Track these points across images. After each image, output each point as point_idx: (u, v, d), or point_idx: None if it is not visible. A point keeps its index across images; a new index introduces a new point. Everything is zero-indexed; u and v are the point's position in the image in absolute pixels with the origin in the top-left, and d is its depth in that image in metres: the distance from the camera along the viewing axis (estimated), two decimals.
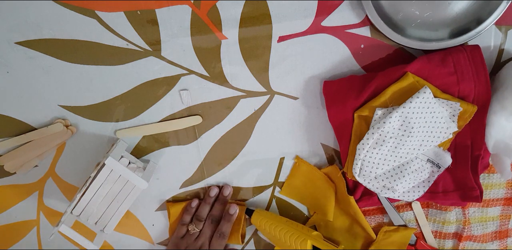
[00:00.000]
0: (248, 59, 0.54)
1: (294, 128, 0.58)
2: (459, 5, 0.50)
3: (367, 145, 0.51)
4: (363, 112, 0.51)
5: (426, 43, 0.50)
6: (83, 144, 0.58)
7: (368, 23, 0.52)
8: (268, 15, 0.51)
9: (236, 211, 0.61)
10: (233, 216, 0.60)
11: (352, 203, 0.57)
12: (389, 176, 0.53)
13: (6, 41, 0.51)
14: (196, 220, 0.60)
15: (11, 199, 0.61)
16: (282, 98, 0.56)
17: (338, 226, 0.61)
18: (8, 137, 0.56)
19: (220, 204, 0.61)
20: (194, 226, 0.60)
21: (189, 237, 0.60)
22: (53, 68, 0.53)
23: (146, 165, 0.57)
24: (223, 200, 0.61)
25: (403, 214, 0.61)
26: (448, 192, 0.55)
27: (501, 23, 0.52)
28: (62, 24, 0.51)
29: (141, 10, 0.50)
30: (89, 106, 0.55)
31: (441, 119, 0.50)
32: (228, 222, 0.60)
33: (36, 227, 0.63)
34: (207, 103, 0.56)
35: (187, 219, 0.61)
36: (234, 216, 0.61)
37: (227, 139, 0.58)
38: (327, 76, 0.55)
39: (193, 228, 0.60)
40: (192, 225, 0.60)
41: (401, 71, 0.50)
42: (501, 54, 0.54)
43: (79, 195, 0.53)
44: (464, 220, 0.60)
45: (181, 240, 0.60)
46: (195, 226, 0.60)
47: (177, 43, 0.52)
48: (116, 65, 0.53)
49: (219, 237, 0.59)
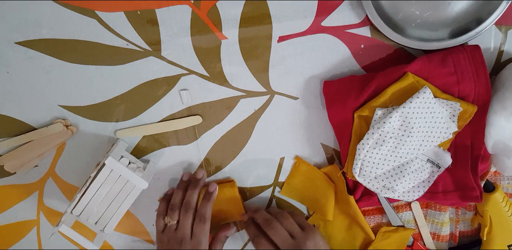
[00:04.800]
0: (248, 59, 0.54)
1: (294, 128, 0.58)
2: (459, 5, 0.50)
3: (367, 145, 0.51)
4: (363, 112, 0.52)
5: (426, 43, 0.50)
6: (83, 144, 0.57)
7: (368, 23, 0.52)
8: (268, 15, 0.51)
9: (215, 188, 0.56)
10: (212, 194, 0.55)
11: (352, 203, 0.57)
12: (389, 176, 0.53)
13: (6, 41, 0.51)
14: (170, 210, 0.55)
15: (11, 199, 0.61)
16: (282, 98, 0.56)
17: (337, 226, 0.61)
18: (8, 137, 0.56)
19: (193, 188, 0.55)
20: (169, 218, 0.54)
21: (169, 230, 0.55)
22: (53, 68, 0.53)
23: (146, 165, 0.57)
24: (196, 183, 0.56)
25: (402, 214, 0.61)
26: (448, 192, 0.55)
27: (501, 23, 0.52)
28: (62, 24, 0.51)
29: (141, 10, 0.50)
30: (89, 106, 0.55)
31: (441, 119, 0.50)
32: (207, 202, 0.55)
33: (36, 227, 0.63)
34: (207, 103, 0.56)
35: (163, 209, 0.56)
36: (214, 194, 0.56)
37: (227, 139, 0.58)
38: (327, 76, 0.55)
39: (168, 220, 0.54)
40: (167, 218, 0.55)
41: (401, 71, 0.50)
42: (501, 54, 0.54)
43: (79, 195, 0.53)
44: (456, 219, 0.61)
45: (162, 235, 0.55)
46: (170, 217, 0.54)
47: (177, 43, 0.52)
48: (116, 65, 0.53)
49: (199, 221, 0.54)
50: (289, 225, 0.54)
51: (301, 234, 0.53)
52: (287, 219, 0.55)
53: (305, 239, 0.53)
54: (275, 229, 0.54)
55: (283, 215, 0.56)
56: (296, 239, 0.53)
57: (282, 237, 0.53)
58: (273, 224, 0.54)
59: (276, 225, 0.54)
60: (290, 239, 0.53)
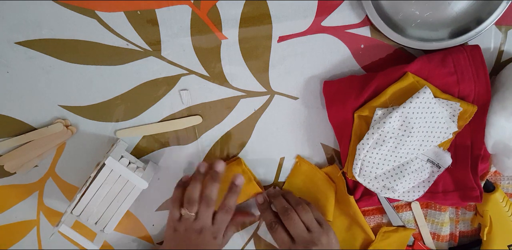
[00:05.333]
0: (248, 59, 0.54)
1: (294, 128, 0.58)
2: (459, 5, 0.50)
3: (367, 145, 0.51)
4: (363, 112, 0.51)
5: (426, 43, 0.50)
6: (83, 144, 0.57)
7: (368, 23, 0.52)
8: (268, 15, 0.51)
9: (242, 181, 0.55)
10: (238, 187, 0.54)
11: (352, 203, 0.57)
12: (389, 176, 0.53)
13: (6, 41, 0.51)
14: (187, 203, 0.52)
15: (11, 199, 0.61)
16: (282, 98, 0.56)
17: (337, 226, 0.61)
18: (8, 137, 0.56)
19: (213, 182, 0.53)
20: (187, 210, 0.52)
21: (186, 220, 0.53)
22: (53, 68, 0.53)
23: (146, 165, 0.57)
24: (216, 176, 0.54)
25: (402, 214, 0.61)
26: (448, 192, 0.55)
27: (501, 23, 0.52)
28: (62, 24, 0.50)
29: (141, 10, 0.50)
30: (89, 106, 0.55)
31: (441, 119, 0.50)
32: (234, 194, 0.54)
33: (36, 227, 0.63)
34: (207, 103, 0.56)
35: (178, 197, 0.54)
36: (240, 187, 0.55)
37: (227, 139, 0.58)
38: (327, 76, 0.55)
39: (185, 212, 0.52)
40: (184, 210, 0.52)
41: (401, 71, 0.50)
42: (501, 54, 0.54)
43: (79, 195, 0.53)
44: (456, 219, 0.61)
45: (179, 223, 0.53)
46: (188, 210, 0.52)
47: (177, 43, 0.52)
48: (116, 65, 0.53)
49: (225, 212, 0.53)
50: (308, 218, 0.54)
51: (318, 229, 0.53)
52: (307, 212, 0.54)
53: (320, 235, 0.53)
54: (292, 220, 0.53)
55: (303, 208, 0.55)
56: (312, 233, 0.53)
57: (298, 230, 0.53)
58: (292, 215, 0.53)
59: (294, 216, 0.53)
60: (306, 233, 0.53)
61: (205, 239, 0.53)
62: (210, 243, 0.53)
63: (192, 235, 0.52)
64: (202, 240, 0.52)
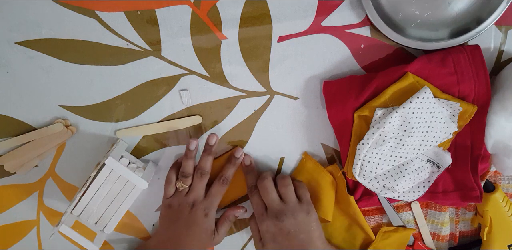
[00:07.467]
0: (248, 59, 0.54)
1: (294, 128, 0.58)
2: (459, 5, 0.50)
3: (367, 145, 0.51)
4: (363, 112, 0.51)
5: (426, 43, 0.50)
6: (83, 144, 0.57)
7: (368, 23, 0.52)
8: (268, 15, 0.51)
9: (242, 153, 0.55)
10: (238, 159, 0.55)
11: (352, 203, 0.57)
12: (389, 176, 0.53)
13: (6, 41, 0.51)
14: (182, 177, 0.54)
15: (11, 199, 0.61)
16: (282, 98, 0.56)
17: (337, 226, 0.61)
18: (8, 137, 0.56)
19: (206, 155, 0.54)
20: (181, 183, 0.53)
21: (180, 194, 0.54)
22: (53, 68, 0.53)
23: (146, 165, 0.57)
24: (209, 150, 0.54)
25: (402, 214, 0.61)
26: (448, 192, 0.55)
27: (501, 23, 0.52)
28: (62, 24, 0.51)
29: (141, 10, 0.50)
30: (89, 106, 0.55)
31: (441, 119, 0.50)
32: (233, 166, 0.54)
33: (36, 227, 0.63)
34: (207, 103, 0.56)
35: (172, 177, 0.55)
36: (240, 159, 0.55)
37: (227, 139, 0.58)
38: (327, 76, 0.55)
39: (180, 185, 0.53)
40: (179, 182, 0.54)
41: (401, 71, 0.50)
42: (501, 54, 0.54)
43: (79, 195, 0.53)
44: (457, 219, 0.61)
45: (172, 199, 0.55)
46: (182, 182, 0.53)
47: (177, 43, 0.52)
48: (116, 65, 0.53)
49: (222, 182, 0.54)
50: (286, 191, 0.53)
51: (293, 204, 0.52)
52: (286, 185, 0.53)
53: (295, 210, 0.51)
54: (265, 188, 0.53)
55: (285, 181, 0.54)
56: (285, 205, 0.52)
57: (270, 198, 0.52)
58: (266, 182, 0.53)
59: (268, 184, 0.53)
60: (278, 203, 0.52)
61: (197, 215, 0.53)
62: (201, 220, 0.53)
63: (185, 210, 0.53)
64: (194, 216, 0.53)
